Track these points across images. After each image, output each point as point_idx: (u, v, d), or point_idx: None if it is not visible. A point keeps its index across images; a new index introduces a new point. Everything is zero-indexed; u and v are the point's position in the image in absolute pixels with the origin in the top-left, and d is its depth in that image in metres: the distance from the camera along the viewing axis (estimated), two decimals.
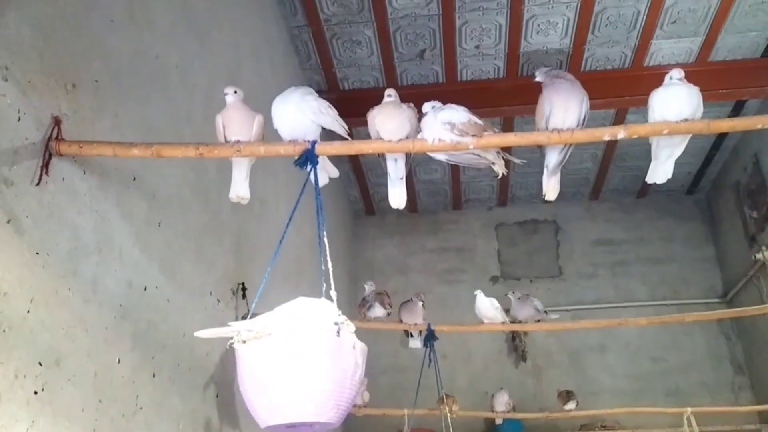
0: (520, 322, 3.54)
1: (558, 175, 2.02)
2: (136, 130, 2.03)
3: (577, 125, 1.90)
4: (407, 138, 1.87)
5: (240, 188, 1.96)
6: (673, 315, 4.12)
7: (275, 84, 3.41)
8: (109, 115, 1.89)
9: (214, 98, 2.60)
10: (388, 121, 1.88)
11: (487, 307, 3.43)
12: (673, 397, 4.99)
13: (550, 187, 2.03)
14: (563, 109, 1.90)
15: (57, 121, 1.62)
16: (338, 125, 1.93)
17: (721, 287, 5.47)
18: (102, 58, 1.88)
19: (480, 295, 3.46)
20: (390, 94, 1.95)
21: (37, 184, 1.54)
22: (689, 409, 3.77)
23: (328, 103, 1.92)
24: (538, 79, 2.02)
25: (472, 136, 1.82)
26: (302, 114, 1.84)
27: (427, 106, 1.90)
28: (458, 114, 1.84)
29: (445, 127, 1.81)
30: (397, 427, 4.27)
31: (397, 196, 2.03)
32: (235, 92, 1.93)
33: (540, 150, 2.05)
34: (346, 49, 4.12)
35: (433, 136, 1.82)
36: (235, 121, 1.87)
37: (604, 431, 4.71)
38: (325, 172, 1.98)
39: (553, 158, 2.00)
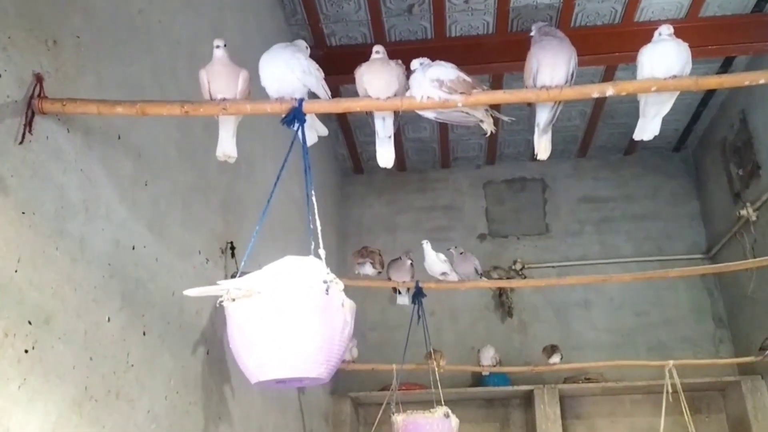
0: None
1: (549, 134, 2.02)
2: (119, 87, 2.00)
3: (566, 82, 1.89)
4: (395, 96, 1.86)
5: (227, 146, 1.95)
6: (657, 271, 4.17)
7: (260, 40, 3.34)
8: (92, 72, 1.86)
9: (198, 54, 2.56)
10: (376, 78, 1.86)
11: (434, 260, 3.43)
12: (655, 351, 5.09)
13: (542, 147, 2.03)
14: (551, 66, 1.89)
15: (39, 79, 1.59)
16: (322, 90, 1.90)
17: (705, 243, 5.54)
18: (83, 14, 1.83)
19: (427, 246, 3.44)
20: (378, 51, 1.93)
21: (21, 142, 1.52)
22: (671, 362, 3.86)
23: (317, 66, 1.89)
24: (532, 34, 2.01)
25: (461, 93, 1.81)
26: (291, 72, 1.82)
27: (415, 63, 1.88)
28: (447, 71, 1.83)
29: (434, 85, 1.80)
30: (385, 381, 4.35)
31: (385, 155, 2.02)
32: (225, 45, 1.90)
33: (530, 108, 2.04)
34: (333, 4, 4.05)
35: (421, 94, 1.81)
36: (221, 77, 1.85)
37: (587, 383, 4.83)
38: (314, 131, 1.97)
39: (543, 116, 1.99)
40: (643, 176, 5.85)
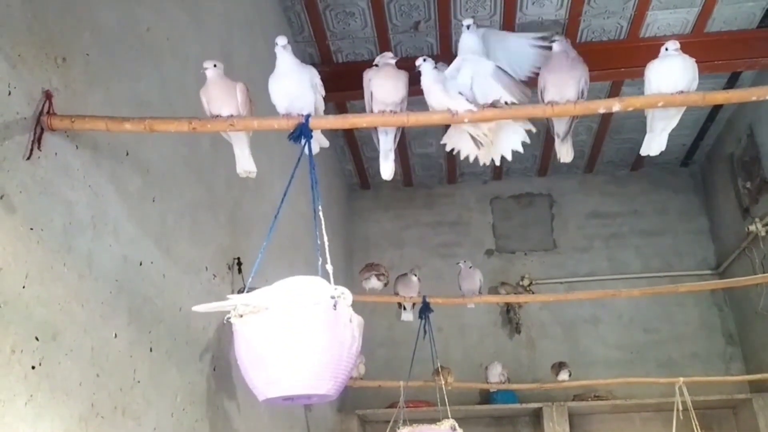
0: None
1: (569, 141, 2.05)
2: (128, 103, 2.01)
3: (577, 98, 1.90)
4: (402, 102, 1.89)
5: (246, 163, 1.96)
6: (666, 286, 4.14)
7: (268, 56, 3.35)
8: (101, 88, 1.87)
9: None
10: (385, 82, 1.89)
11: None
12: (665, 368, 5.05)
13: (563, 152, 2.06)
14: (558, 86, 1.90)
15: (48, 95, 1.60)
16: (320, 110, 1.92)
17: (714, 259, 5.50)
18: (92, 31, 1.85)
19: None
20: (385, 55, 1.96)
21: (29, 158, 1.53)
22: (681, 379, 3.81)
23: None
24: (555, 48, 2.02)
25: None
26: (303, 89, 1.83)
27: (419, 60, 1.90)
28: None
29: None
30: (392, 398, 4.32)
31: (387, 168, 2.04)
32: (215, 66, 1.91)
33: (548, 121, 2.07)
34: (340, 21, 4.08)
35: (438, 101, 1.82)
36: (217, 96, 1.86)
37: (597, 401, 4.78)
38: (316, 142, 1.98)
39: (561, 127, 2.02)
40: (650, 192, 5.83)
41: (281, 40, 1.87)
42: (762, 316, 4.67)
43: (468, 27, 2.03)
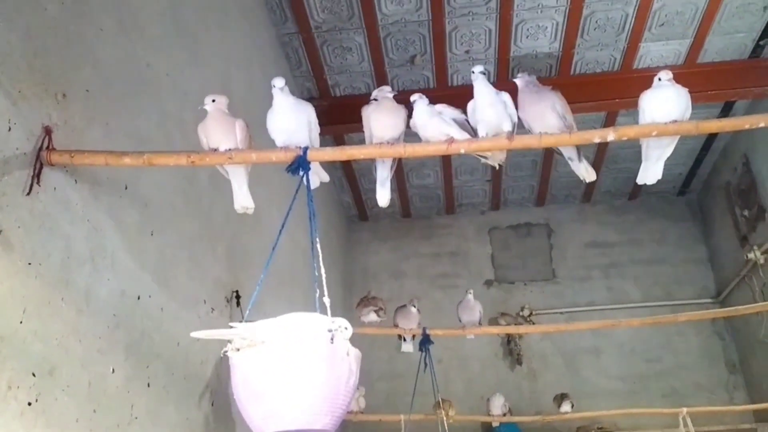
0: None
1: (584, 161, 2.07)
2: (127, 138, 2.02)
3: (561, 124, 1.93)
4: (399, 137, 1.93)
5: (243, 199, 1.96)
6: (666, 315, 4.13)
7: (266, 91, 3.38)
8: (100, 124, 1.89)
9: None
10: (384, 118, 1.91)
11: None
12: (668, 398, 5.00)
13: (582, 171, 2.08)
14: (537, 119, 1.94)
15: (48, 131, 1.62)
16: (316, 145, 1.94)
17: (713, 287, 5.49)
18: (92, 67, 1.87)
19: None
20: (382, 90, 1.99)
21: (29, 193, 1.54)
22: (685, 410, 3.78)
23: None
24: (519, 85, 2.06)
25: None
26: (300, 124, 1.85)
27: (415, 96, 1.93)
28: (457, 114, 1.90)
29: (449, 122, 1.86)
30: None
31: (384, 195, 2.06)
32: (213, 101, 1.91)
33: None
34: (337, 56, 4.13)
35: (439, 131, 1.85)
36: (216, 131, 1.86)
37: None
38: (317, 176, 1.99)
39: (571, 152, 2.05)
40: (648, 221, 5.85)
41: (279, 82, 1.88)
42: (764, 344, 4.64)
43: (483, 73, 2.05)
